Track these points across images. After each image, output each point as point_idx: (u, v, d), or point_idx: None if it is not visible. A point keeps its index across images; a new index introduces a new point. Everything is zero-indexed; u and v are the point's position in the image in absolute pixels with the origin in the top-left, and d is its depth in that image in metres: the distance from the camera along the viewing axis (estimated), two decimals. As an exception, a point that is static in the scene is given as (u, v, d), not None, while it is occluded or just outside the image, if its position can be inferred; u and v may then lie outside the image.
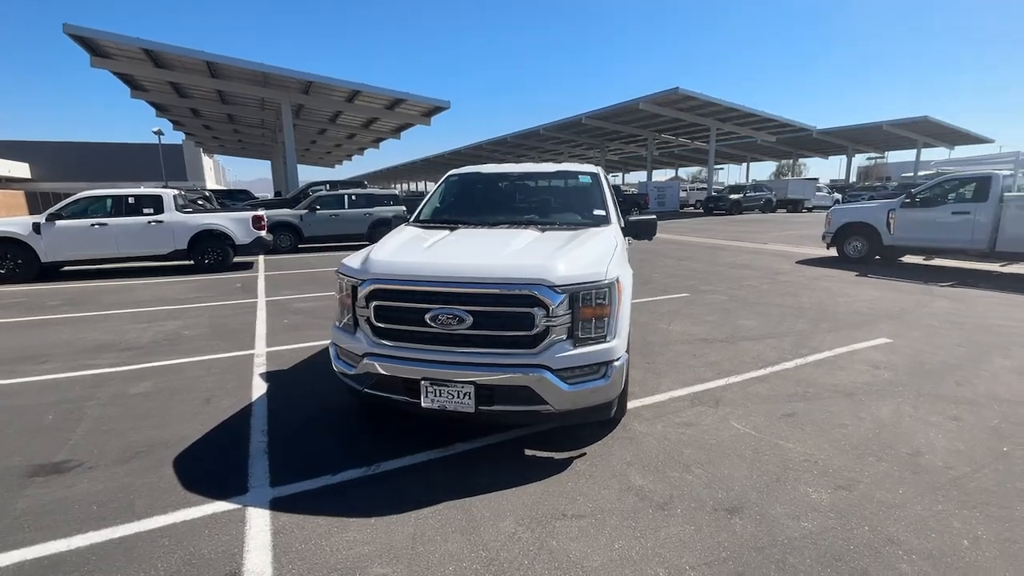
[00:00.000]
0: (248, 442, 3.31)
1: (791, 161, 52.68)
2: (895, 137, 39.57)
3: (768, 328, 5.90)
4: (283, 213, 13.47)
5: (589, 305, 2.88)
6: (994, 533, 2.38)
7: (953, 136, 39.13)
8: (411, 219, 4.48)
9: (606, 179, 4.72)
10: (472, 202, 4.68)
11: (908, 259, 11.06)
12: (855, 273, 9.69)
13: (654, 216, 4.30)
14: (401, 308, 2.95)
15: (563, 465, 3.02)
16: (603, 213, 4.17)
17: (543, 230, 3.80)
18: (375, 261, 3.12)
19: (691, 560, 2.22)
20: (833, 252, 11.70)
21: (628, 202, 27.02)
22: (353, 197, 14.33)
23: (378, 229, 14.47)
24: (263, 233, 10.79)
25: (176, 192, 10.48)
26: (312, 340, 5.56)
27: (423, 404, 2.90)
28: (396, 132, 27.22)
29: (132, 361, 4.93)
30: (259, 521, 2.50)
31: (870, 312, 6.60)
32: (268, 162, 45.51)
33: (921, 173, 42.81)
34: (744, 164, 57.95)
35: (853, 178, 47.98)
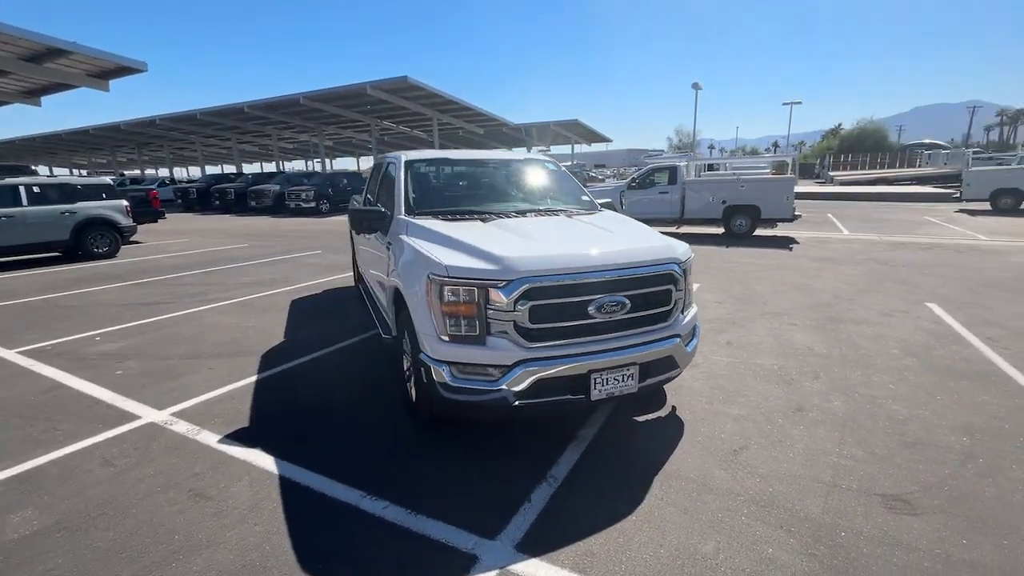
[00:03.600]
0: (378, 519, 2.51)
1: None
2: (558, 134, 50.26)
3: (629, 288, 7.37)
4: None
5: (687, 276, 3.35)
6: (902, 387, 4.07)
7: (592, 136, 52.32)
8: (403, 212, 3.84)
9: None
10: (465, 190, 4.34)
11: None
12: (614, 241, 12.54)
13: (610, 200, 4.93)
14: (563, 304, 2.79)
15: (674, 420, 3.46)
16: (588, 199, 4.56)
17: (570, 216, 3.97)
18: (517, 258, 2.78)
19: (827, 445, 3.08)
20: (585, 226, 14.72)
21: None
22: (37, 189, 9.74)
23: (90, 233, 10.41)
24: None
25: None
26: (221, 385, 4.07)
27: (593, 397, 2.86)
28: (33, 96, 18.74)
29: None
30: (555, 566, 2.12)
31: (664, 267, 8.92)
32: None
33: (572, 163, 55.51)
34: (446, 153, 63.35)
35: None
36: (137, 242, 13.23)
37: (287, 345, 5.08)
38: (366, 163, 67.18)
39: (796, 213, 12.47)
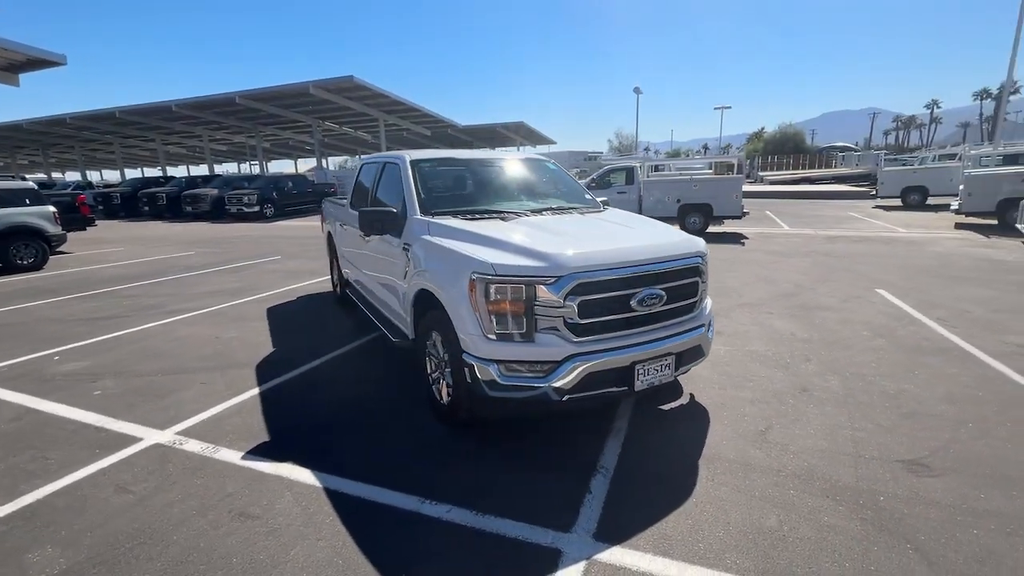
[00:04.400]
0: (446, 523, 2.46)
1: (431, 153, 59.98)
2: (502, 136, 50.61)
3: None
4: None
5: (706, 267, 3.52)
6: (883, 365, 4.46)
7: (536, 138, 53.09)
8: (418, 212, 3.77)
9: None
10: (473, 189, 4.30)
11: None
12: (577, 240, 12.82)
13: (606, 199, 5.07)
14: (609, 298, 2.86)
15: (696, 407, 3.62)
16: (591, 197, 4.66)
17: (583, 214, 4.05)
18: (565, 255, 2.81)
19: (839, 420, 3.35)
20: (547, 226, 14.95)
21: (317, 192, 25.45)
22: (-55, 195, 8.62)
23: (13, 243, 9.33)
24: None
25: None
26: (222, 400, 3.81)
27: (636, 387, 2.95)
28: (-80, 89, 16.45)
29: None
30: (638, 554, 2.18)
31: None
32: None
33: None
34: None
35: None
36: (64, 252, 12.02)
37: (280, 355, 4.82)
38: (305, 165, 64.50)
39: (744, 211, 13.29)
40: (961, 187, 14.55)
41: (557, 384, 2.78)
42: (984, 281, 7.27)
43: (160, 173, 38.43)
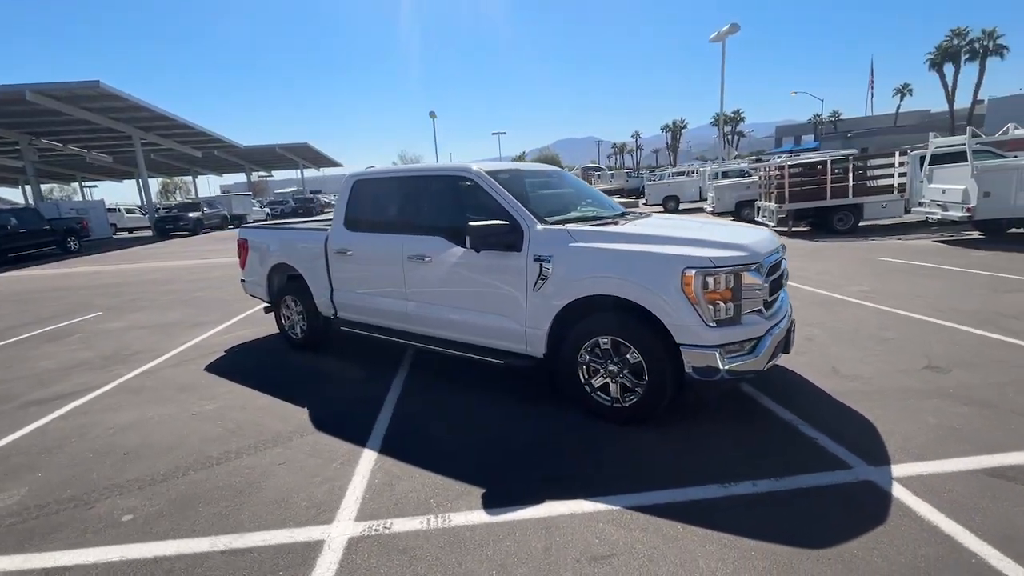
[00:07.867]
0: (763, 495, 2.59)
1: (191, 177, 50.20)
2: (283, 158, 46.19)
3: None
4: None
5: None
6: (821, 315, 6.02)
7: (321, 160, 49.94)
8: (538, 224, 3.65)
9: None
10: (553, 198, 4.37)
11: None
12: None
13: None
14: (776, 278, 3.41)
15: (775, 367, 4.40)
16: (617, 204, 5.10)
17: (646, 217, 4.50)
18: (751, 243, 3.25)
19: (858, 353, 4.55)
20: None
21: (58, 230, 19.19)
22: None
23: None
24: None
25: None
26: (345, 472, 3.01)
27: (790, 350, 3.56)
28: None
29: None
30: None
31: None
32: None
33: (297, 190, 52.28)
34: (124, 181, 50.22)
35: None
36: None
37: (329, 411, 3.90)
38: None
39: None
40: (711, 194, 19.64)
41: (760, 357, 3.18)
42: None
43: None
